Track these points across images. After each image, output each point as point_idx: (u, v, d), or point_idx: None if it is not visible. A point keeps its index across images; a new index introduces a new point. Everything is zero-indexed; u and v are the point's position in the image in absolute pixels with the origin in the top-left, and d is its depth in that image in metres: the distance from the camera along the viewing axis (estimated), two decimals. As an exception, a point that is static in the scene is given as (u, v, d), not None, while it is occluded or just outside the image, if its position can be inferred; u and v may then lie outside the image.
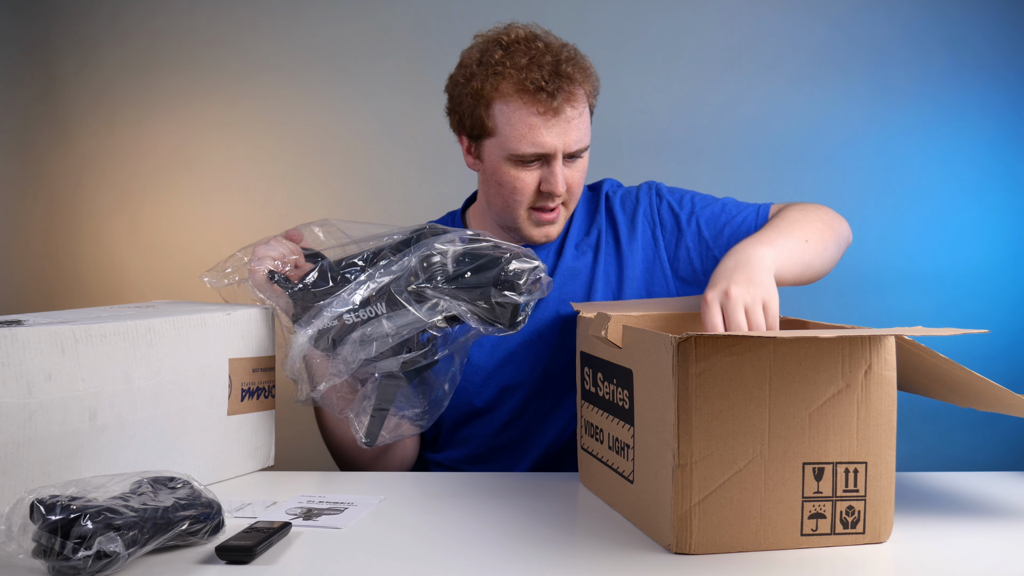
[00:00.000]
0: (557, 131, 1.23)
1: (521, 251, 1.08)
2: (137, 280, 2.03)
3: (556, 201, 1.28)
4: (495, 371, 1.34)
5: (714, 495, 0.84)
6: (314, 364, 1.14)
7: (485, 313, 1.05)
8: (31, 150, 2.05)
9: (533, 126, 1.22)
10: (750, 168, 1.92)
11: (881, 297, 1.90)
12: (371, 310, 1.06)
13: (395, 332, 1.05)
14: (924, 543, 0.89)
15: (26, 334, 0.92)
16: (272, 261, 1.11)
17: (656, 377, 0.87)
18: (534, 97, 1.22)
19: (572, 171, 1.27)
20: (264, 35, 1.99)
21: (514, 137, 1.23)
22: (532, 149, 1.23)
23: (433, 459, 1.39)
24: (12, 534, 0.77)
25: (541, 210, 1.28)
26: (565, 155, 1.25)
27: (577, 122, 1.24)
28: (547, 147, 1.23)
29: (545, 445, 1.34)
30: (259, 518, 0.95)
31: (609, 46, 1.92)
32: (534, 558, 0.85)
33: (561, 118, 1.23)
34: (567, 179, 1.26)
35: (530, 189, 1.26)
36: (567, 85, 1.23)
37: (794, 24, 1.92)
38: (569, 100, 1.23)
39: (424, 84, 1.95)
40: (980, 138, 1.90)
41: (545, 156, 1.24)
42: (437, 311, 1.05)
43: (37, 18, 2.02)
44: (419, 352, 1.07)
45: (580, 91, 1.25)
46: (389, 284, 1.06)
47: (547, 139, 1.22)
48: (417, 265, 1.06)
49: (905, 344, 0.91)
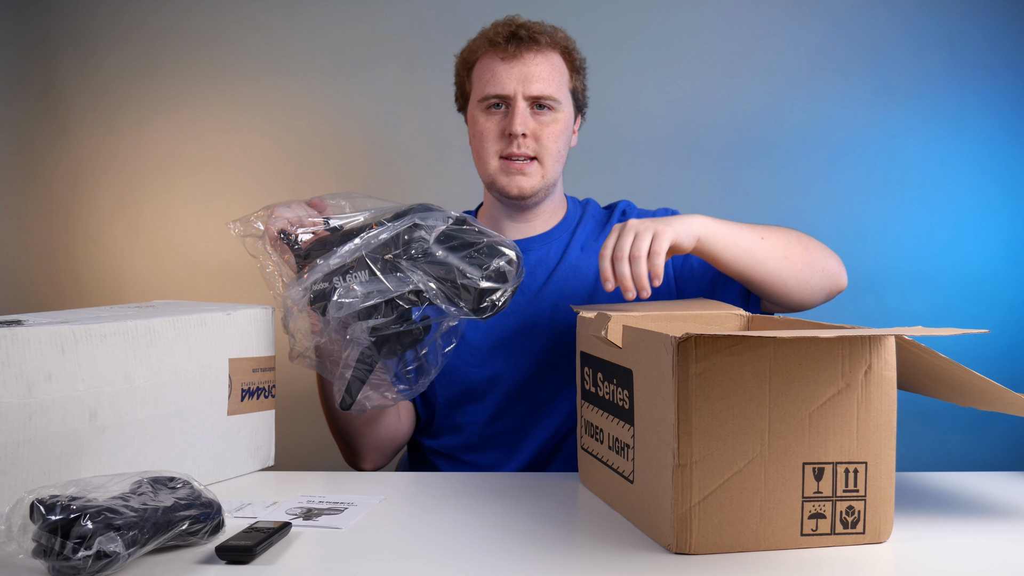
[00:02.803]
0: (516, 74, 1.31)
1: (501, 240, 1.08)
2: (137, 280, 2.04)
3: (521, 148, 1.32)
4: (489, 353, 1.35)
5: (714, 495, 0.84)
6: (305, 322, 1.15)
7: (450, 292, 1.05)
8: (31, 150, 2.05)
9: (496, 71, 1.33)
10: (750, 168, 1.92)
11: (881, 297, 1.91)
12: (354, 275, 1.07)
13: (363, 297, 1.05)
14: (924, 543, 0.89)
15: (26, 334, 0.92)
16: (286, 222, 1.12)
17: (656, 377, 0.87)
18: (498, 46, 1.33)
19: (540, 125, 1.33)
20: (264, 35, 2.00)
21: (480, 84, 1.35)
22: (493, 90, 1.32)
23: (429, 446, 1.41)
24: (12, 534, 0.77)
25: (509, 158, 1.33)
26: (528, 100, 1.32)
27: (538, 69, 1.32)
28: (506, 88, 1.31)
29: (542, 440, 1.35)
30: (259, 518, 0.96)
31: (609, 46, 1.92)
32: (534, 558, 0.85)
33: (520, 62, 1.32)
34: (534, 131, 1.32)
35: (494, 134, 1.33)
36: (530, 36, 1.33)
37: (794, 24, 1.92)
38: (531, 48, 1.32)
39: (425, 84, 1.96)
40: (980, 138, 1.90)
41: (506, 99, 1.32)
42: (405, 283, 1.05)
43: (37, 17, 2.02)
44: (389, 319, 1.08)
45: (546, 46, 1.34)
46: (368, 251, 1.06)
47: (506, 81, 1.32)
48: (398, 237, 1.06)
49: (905, 344, 0.91)
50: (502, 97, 1.32)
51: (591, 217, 1.44)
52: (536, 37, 1.33)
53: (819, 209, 1.91)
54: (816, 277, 1.25)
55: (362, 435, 1.32)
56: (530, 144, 1.32)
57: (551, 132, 1.33)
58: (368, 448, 1.34)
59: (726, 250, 1.18)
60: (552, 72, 1.33)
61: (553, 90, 1.33)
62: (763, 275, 1.22)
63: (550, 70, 1.33)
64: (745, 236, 1.20)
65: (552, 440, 1.35)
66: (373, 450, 1.34)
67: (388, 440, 1.35)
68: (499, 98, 1.32)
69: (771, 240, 1.22)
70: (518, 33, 1.32)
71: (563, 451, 1.36)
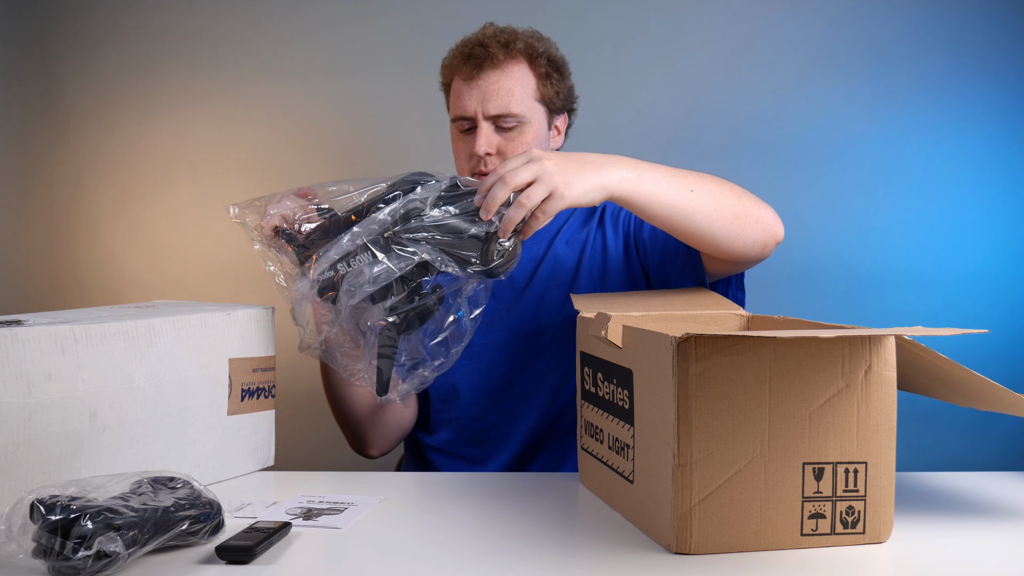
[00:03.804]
0: (475, 94, 1.32)
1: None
2: (137, 280, 2.04)
3: (488, 166, 1.33)
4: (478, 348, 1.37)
5: (714, 495, 0.84)
6: (316, 313, 1.15)
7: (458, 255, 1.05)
8: (31, 150, 2.05)
9: (459, 92, 1.35)
10: (750, 168, 1.92)
11: (881, 297, 1.91)
12: (358, 260, 1.07)
13: (372, 280, 1.05)
14: (924, 543, 0.89)
15: (26, 334, 0.92)
16: (280, 218, 1.12)
17: (656, 377, 0.87)
18: (460, 67, 1.34)
19: (507, 141, 1.33)
20: (264, 35, 2.00)
21: (451, 106, 1.37)
22: (456, 112, 1.34)
23: (426, 442, 1.43)
24: (12, 534, 0.77)
25: (482, 176, 1.33)
26: (490, 119, 1.32)
27: (495, 87, 1.32)
28: (467, 110, 1.33)
29: (530, 427, 1.38)
30: (259, 518, 0.96)
31: (609, 46, 1.92)
32: (534, 558, 0.85)
33: (478, 82, 1.32)
34: (500, 149, 1.33)
35: (464, 154, 1.35)
36: (486, 53, 1.32)
37: (794, 24, 1.92)
38: (488, 66, 1.32)
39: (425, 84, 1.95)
40: (980, 138, 1.90)
41: (471, 119, 1.33)
42: (411, 258, 1.05)
43: (37, 17, 2.02)
44: (401, 296, 1.07)
45: (506, 60, 1.33)
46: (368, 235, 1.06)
47: (467, 102, 1.33)
48: (395, 213, 1.06)
49: (905, 344, 0.91)
50: (467, 118, 1.33)
51: (580, 212, 1.46)
52: (493, 53, 1.32)
53: (819, 209, 1.91)
54: (749, 228, 1.20)
55: (369, 423, 1.35)
56: (495, 161, 1.33)
57: (516, 147, 1.33)
58: (375, 435, 1.36)
59: (647, 204, 1.13)
60: (513, 87, 1.32)
61: (514, 105, 1.32)
62: (690, 228, 1.17)
63: (511, 85, 1.32)
64: (672, 190, 1.14)
65: (539, 428, 1.38)
66: (380, 437, 1.37)
67: (395, 427, 1.38)
68: (464, 119, 1.34)
69: (700, 192, 1.17)
70: (474, 53, 1.32)
71: (552, 438, 1.39)
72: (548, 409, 1.38)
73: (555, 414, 1.38)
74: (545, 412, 1.38)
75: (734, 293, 1.36)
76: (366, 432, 1.36)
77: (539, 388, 1.38)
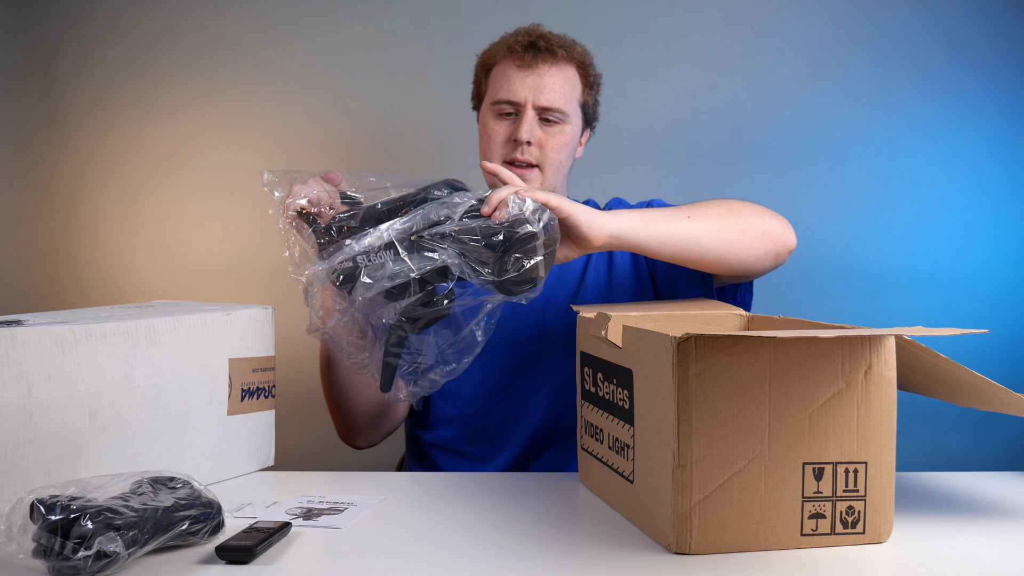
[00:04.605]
0: (529, 83, 1.34)
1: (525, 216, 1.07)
2: (137, 280, 2.04)
3: (525, 154, 1.34)
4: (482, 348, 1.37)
5: (714, 495, 0.84)
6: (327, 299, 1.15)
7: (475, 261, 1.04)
8: (31, 150, 2.04)
9: (510, 77, 1.35)
10: (751, 168, 1.92)
11: (881, 297, 1.91)
12: (381, 256, 1.07)
13: (390, 276, 1.05)
14: (924, 543, 0.89)
15: (26, 334, 0.92)
16: (306, 200, 1.12)
17: (656, 377, 0.87)
18: (516, 54, 1.35)
19: (547, 135, 1.35)
20: (264, 35, 2.00)
21: (495, 88, 1.38)
22: (506, 95, 1.35)
23: (427, 439, 1.44)
24: (12, 534, 0.77)
25: (512, 163, 1.35)
26: (537, 109, 1.34)
27: (551, 80, 1.34)
28: (518, 95, 1.34)
29: (532, 427, 1.38)
30: (259, 518, 0.96)
31: (609, 46, 1.92)
32: (534, 558, 0.85)
33: (535, 72, 1.34)
34: (540, 141, 1.34)
35: (502, 138, 1.36)
36: (548, 47, 1.35)
37: (794, 24, 1.92)
38: (547, 60, 1.34)
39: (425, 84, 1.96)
40: (980, 138, 1.90)
41: (517, 106, 1.34)
42: (429, 260, 1.05)
43: (37, 17, 2.02)
44: (415, 299, 1.07)
45: (562, 59, 1.36)
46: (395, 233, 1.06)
47: (519, 88, 1.34)
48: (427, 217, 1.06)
49: (905, 344, 0.91)
50: (513, 103, 1.34)
51: None
52: (554, 49, 1.35)
53: (819, 209, 1.91)
54: (757, 243, 1.21)
55: (363, 414, 1.35)
56: (534, 152, 1.34)
57: (556, 143, 1.35)
58: (364, 427, 1.37)
59: (651, 241, 1.14)
60: (565, 85, 1.35)
61: (563, 103, 1.35)
62: (699, 253, 1.17)
63: (563, 83, 1.35)
64: (669, 222, 1.15)
65: (542, 428, 1.38)
66: (369, 429, 1.38)
67: (386, 421, 1.39)
68: (510, 104, 1.35)
69: (697, 217, 1.17)
70: (536, 43, 1.34)
71: (555, 439, 1.39)
72: (551, 410, 1.38)
73: (558, 415, 1.38)
74: (548, 413, 1.38)
75: (742, 296, 1.37)
76: (358, 423, 1.36)
77: (541, 388, 1.38)
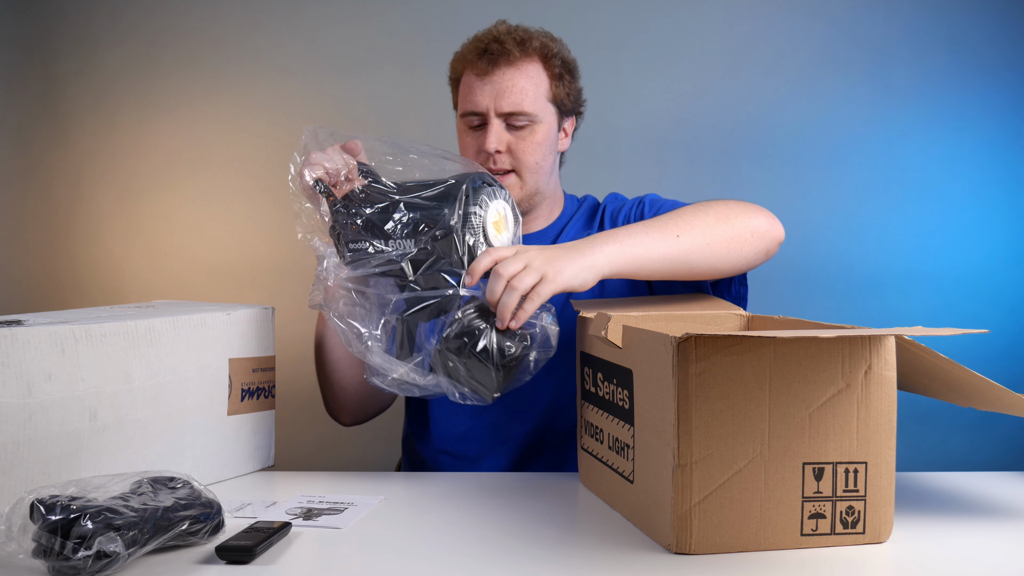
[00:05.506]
0: (488, 91, 1.31)
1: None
2: (137, 280, 2.04)
3: (497, 163, 1.33)
4: None
5: (714, 495, 0.84)
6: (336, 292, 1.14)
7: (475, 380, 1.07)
8: (31, 150, 2.05)
9: (471, 87, 1.33)
10: (751, 168, 1.92)
11: (881, 297, 1.91)
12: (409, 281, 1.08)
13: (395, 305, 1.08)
14: (924, 543, 0.89)
15: (26, 334, 0.92)
16: (324, 171, 1.11)
17: (656, 377, 0.87)
18: (474, 62, 1.33)
19: (517, 139, 1.33)
20: (264, 35, 2.00)
21: (461, 100, 1.36)
22: (468, 107, 1.33)
23: (422, 441, 1.43)
24: (12, 534, 0.77)
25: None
26: (502, 116, 1.32)
27: (510, 84, 1.31)
28: (479, 106, 1.32)
29: (529, 427, 1.37)
30: (259, 518, 0.96)
31: (609, 46, 1.92)
32: (534, 558, 0.85)
33: (492, 78, 1.31)
34: (510, 146, 1.33)
35: (474, 150, 1.34)
36: (502, 49, 1.31)
37: (794, 24, 1.92)
38: (503, 63, 1.31)
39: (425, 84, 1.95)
40: (980, 138, 1.90)
41: (482, 116, 1.32)
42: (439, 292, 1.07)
43: (37, 17, 2.02)
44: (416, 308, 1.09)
45: (521, 58, 1.32)
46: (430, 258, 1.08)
47: (479, 98, 1.32)
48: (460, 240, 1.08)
49: (905, 344, 0.91)
50: (477, 114, 1.33)
51: (583, 213, 1.46)
52: (508, 51, 1.31)
53: (819, 209, 1.91)
54: (748, 245, 1.21)
55: (351, 391, 1.34)
56: (505, 159, 1.33)
57: (526, 146, 1.33)
58: (352, 404, 1.36)
59: (642, 267, 1.14)
60: (527, 85, 1.32)
61: (527, 104, 1.32)
62: (690, 270, 1.19)
63: (524, 83, 1.32)
64: (658, 245, 1.15)
65: (536, 431, 1.38)
66: (356, 407, 1.37)
67: (373, 401, 1.38)
68: (475, 115, 1.33)
69: (686, 234, 1.17)
70: (489, 48, 1.31)
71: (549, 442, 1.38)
72: (546, 412, 1.38)
73: (553, 417, 1.38)
74: (543, 415, 1.38)
75: (736, 289, 1.36)
76: (346, 399, 1.35)
77: (536, 390, 1.37)
